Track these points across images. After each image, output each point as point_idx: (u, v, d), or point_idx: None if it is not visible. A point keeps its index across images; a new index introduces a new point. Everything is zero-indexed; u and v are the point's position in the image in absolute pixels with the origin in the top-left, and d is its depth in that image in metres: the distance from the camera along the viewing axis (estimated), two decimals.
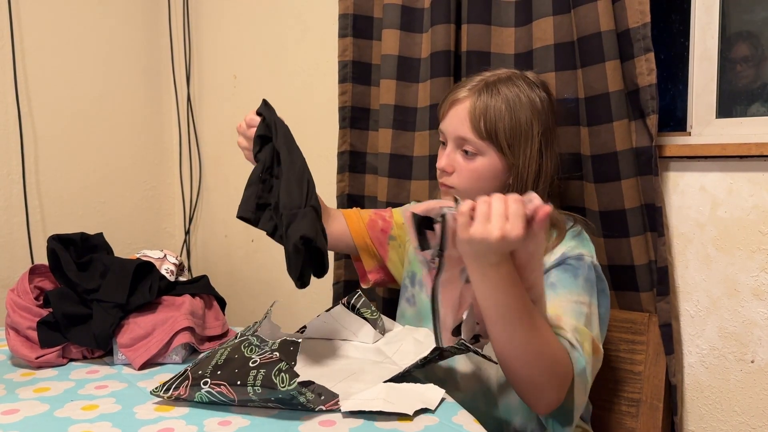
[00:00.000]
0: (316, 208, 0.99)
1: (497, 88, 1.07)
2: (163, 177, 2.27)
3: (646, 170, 1.21)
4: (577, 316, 0.97)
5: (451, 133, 1.10)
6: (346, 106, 1.56)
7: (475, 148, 1.07)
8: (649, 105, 1.19)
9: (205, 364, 0.89)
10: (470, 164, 1.08)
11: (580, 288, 1.00)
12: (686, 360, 1.28)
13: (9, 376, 1.03)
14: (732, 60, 1.31)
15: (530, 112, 1.06)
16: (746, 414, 1.22)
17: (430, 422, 0.83)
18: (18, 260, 1.87)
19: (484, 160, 1.07)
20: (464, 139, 1.07)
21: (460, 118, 1.08)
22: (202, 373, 0.87)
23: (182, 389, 0.88)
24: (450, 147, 1.10)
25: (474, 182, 1.08)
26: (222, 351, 0.92)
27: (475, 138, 1.06)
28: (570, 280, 1.01)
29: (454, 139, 1.09)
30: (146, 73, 2.20)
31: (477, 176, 1.08)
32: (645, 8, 1.17)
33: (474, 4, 1.34)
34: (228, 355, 0.89)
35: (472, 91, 1.08)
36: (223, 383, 0.84)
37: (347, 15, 1.54)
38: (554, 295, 0.99)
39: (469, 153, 1.08)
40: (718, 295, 1.23)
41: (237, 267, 2.14)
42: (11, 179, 1.86)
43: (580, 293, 1.00)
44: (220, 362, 0.88)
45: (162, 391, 0.90)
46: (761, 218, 1.18)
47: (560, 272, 1.01)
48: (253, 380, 0.81)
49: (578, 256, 1.03)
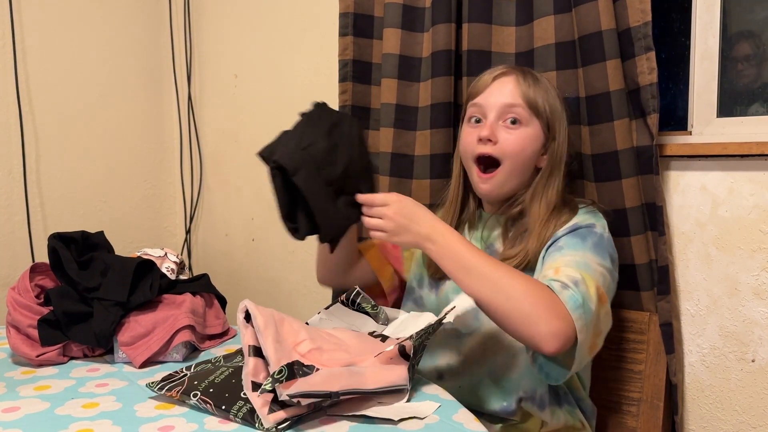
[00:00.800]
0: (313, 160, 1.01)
1: (532, 74, 1.13)
2: (164, 176, 2.28)
3: (647, 169, 1.21)
4: (578, 266, 0.97)
5: (497, 102, 1.10)
6: (347, 105, 1.56)
7: (521, 116, 1.09)
8: (650, 104, 1.19)
9: (203, 377, 0.90)
10: (516, 132, 1.09)
11: (587, 249, 1.01)
12: (687, 359, 1.28)
13: (10, 374, 1.03)
14: (733, 59, 1.31)
15: (559, 99, 1.13)
16: (747, 413, 1.22)
17: (431, 420, 0.83)
18: (19, 258, 1.87)
19: (528, 130, 1.10)
20: (513, 106, 1.09)
21: (509, 88, 1.10)
22: (197, 385, 0.88)
23: (174, 392, 0.88)
24: (492, 118, 1.10)
25: (519, 151, 1.09)
26: (224, 369, 0.93)
27: (525, 105, 1.09)
28: (578, 242, 1.02)
29: (499, 108, 1.10)
30: (147, 72, 2.20)
31: (522, 145, 1.09)
32: (646, 7, 1.17)
33: (475, 3, 1.34)
34: (226, 378, 0.90)
35: (513, 70, 1.13)
36: (210, 402, 0.85)
37: (348, 14, 1.54)
38: (559, 256, 1.00)
39: (516, 121, 1.09)
40: (718, 295, 1.23)
41: (238, 266, 2.15)
42: (12, 178, 1.86)
43: (585, 253, 1.00)
44: (217, 381, 0.89)
45: (156, 387, 0.91)
46: (762, 217, 1.18)
47: (568, 237, 1.03)
48: (237, 410, 0.83)
49: (589, 225, 1.05)
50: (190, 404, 0.88)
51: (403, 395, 0.89)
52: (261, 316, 0.88)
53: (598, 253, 1.01)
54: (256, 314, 0.88)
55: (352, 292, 1.09)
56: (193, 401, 0.86)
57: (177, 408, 0.88)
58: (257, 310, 0.89)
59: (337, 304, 1.09)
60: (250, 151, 2.06)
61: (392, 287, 1.31)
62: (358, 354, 0.91)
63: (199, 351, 1.16)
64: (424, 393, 0.92)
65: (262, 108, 2.02)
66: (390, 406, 0.86)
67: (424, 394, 0.92)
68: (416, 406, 0.87)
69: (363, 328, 1.07)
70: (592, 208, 1.12)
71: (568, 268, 0.97)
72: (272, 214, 2.02)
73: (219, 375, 0.91)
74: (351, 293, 1.09)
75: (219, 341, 1.21)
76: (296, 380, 0.79)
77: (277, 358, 0.84)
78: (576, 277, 0.95)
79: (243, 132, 2.09)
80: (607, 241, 1.05)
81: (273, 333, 0.87)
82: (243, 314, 0.90)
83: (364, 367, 0.87)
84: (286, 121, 1.08)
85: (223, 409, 0.84)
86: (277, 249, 2.01)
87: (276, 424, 0.79)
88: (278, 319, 0.91)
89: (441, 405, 0.88)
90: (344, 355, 0.90)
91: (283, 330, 0.90)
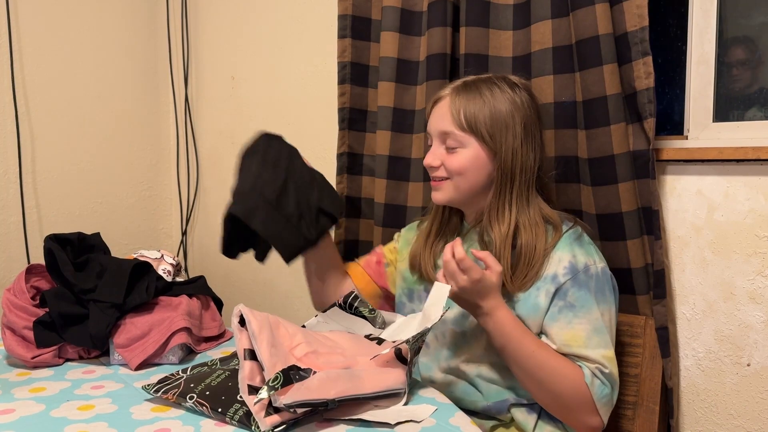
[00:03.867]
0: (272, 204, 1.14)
1: (476, 85, 1.11)
2: (160, 177, 2.27)
3: (643, 173, 1.22)
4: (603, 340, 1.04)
5: (435, 130, 1.13)
6: (345, 107, 1.56)
7: (456, 141, 1.10)
8: (646, 108, 1.19)
9: (200, 380, 0.90)
10: (454, 156, 1.10)
11: (594, 302, 1.05)
12: (682, 363, 1.28)
13: (5, 376, 1.02)
14: (729, 64, 1.31)
15: (510, 105, 1.09)
16: (742, 417, 1.22)
17: (428, 424, 0.83)
18: (14, 260, 1.87)
19: (466, 152, 1.10)
20: (446, 133, 1.11)
21: (442, 113, 1.12)
22: (193, 387, 0.88)
23: (170, 394, 0.89)
24: (435, 144, 1.14)
25: (461, 171, 1.10)
26: (221, 372, 0.92)
27: (456, 130, 1.09)
28: (588, 298, 1.05)
29: (438, 135, 1.13)
30: (144, 73, 2.20)
31: (462, 166, 1.10)
32: (643, 12, 1.18)
33: (472, 7, 1.34)
34: (222, 381, 0.90)
35: (452, 90, 1.12)
36: (206, 404, 0.85)
37: (346, 16, 1.54)
38: (574, 318, 1.05)
39: (452, 147, 1.10)
40: (714, 299, 1.24)
41: (234, 268, 2.14)
42: (8, 179, 1.85)
43: (595, 308, 1.05)
44: (213, 384, 0.89)
45: (153, 390, 0.90)
46: (757, 222, 1.18)
47: (576, 289, 1.05)
48: (233, 413, 0.83)
49: (585, 268, 1.06)
50: (186, 407, 0.88)
51: (400, 398, 0.89)
52: (255, 321, 0.88)
53: (602, 300, 1.06)
54: (251, 319, 0.88)
55: (350, 296, 1.09)
56: (189, 404, 0.86)
57: (173, 410, 0.87)
58: (251, 315, 0.88)
59: (334, 308, 1.09)
60: None
61: (379, 304, 1.32)
62: (354, 357, 0.91)
63: (195, 353, 1.16)
64: (420, 396, 0.92)
65: (259, 110, 2.02)
66: (387, 410, 0.86)
67: (421, 397, 0.92)
68: (413, 410, 0.87)
69: (360, 332, 1.07)
70: (578, 230, 1.10)
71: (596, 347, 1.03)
72: None
73: (215, 378, 0.91)
74: (348, 297, 1.09)
75: (215, 343, 1.21)
76: (292, 386, 0.79)
77: (272, 363, 0.84)
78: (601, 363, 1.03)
79: (240, 134, 2.08)
80: (603, 277, 1.07)
81: (268, 337, 0.87)
82: (237, 319, 0.90)
83: (362, 370, 0.87)
84: (284, 123, 1.09)
85: (220, 412, 0.83)
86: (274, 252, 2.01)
87: (272, 427, 0.79)
88: (273, 322, 0.91)
89: (438, 408, 0.88)
90: (340, 359, 0.90)
91: (279, 334, 0.90)
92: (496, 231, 1.08)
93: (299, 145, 1.30)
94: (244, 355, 0.87)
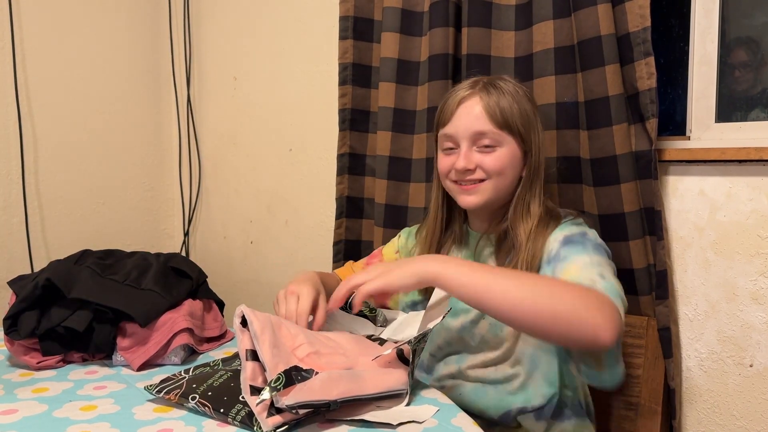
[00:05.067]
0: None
1: (496, 84, 1.09)
2: (162, 178, 2.27)
3: (646, 174, 1.22)
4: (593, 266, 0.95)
5: (466, 131, 1.07)
6: (346, 108, 1.57)
7: (493, 140, 1.06)
8: (648, 109, 1.19)
9: (202, 380, 0.90)
10: (492, 155, 1.07)
11: (591, 251, 0.99)
12: (685, 364, 1.28)
13: (7, 377, 1.02)
14: (731, 65, 1.31)
15: (530, 103, 1.09)
16: (745, 418, 1.22)
17: (430, 425, 0.83)
18: (17, 261, 1.87)
19: (504, 150, 1.07)
20: (482, 133, 1.06)
21: (475, 113, 1.07)
22: (195, 388, 0.88)
23: (173, 395, 0.88)
24: (465, 146, 1.07)
25: (500, 170, 1.07)
26: (223, 373, 0.92)
27: (494, 128, 1.06)
28: (578, 249, 0.99)
29: (470, 137, 1.07)
30: (146, 74, 2.20)
31: (502, 164, 1.06)
32: (645, 12, 1.18)
33: (474, 7, 1.34)
34: (225, 381, 0.89)
35: (475, 90, 1.08)
36: (208, 405, 0.85)
37: (348, 17, 1.55)
38: (568, 263, 0.97)
39: (489, 146, 1.06)
40: (716, 299, 1.23)
41: (236, 268, 2.14)
42: (10, 179, 1.85)
43: (591, 255, 0.98)
44: (216, 384, 0.88)
45: (155, 390, 0.91)
46: (760, 222, 1.18)
47: (568, 247, 1.00)
48: (236, 413, 0.82)
49: (582, 233, 1.03)
50: (188, 407, 0.87)
51: (401, 399, 0.89)
52: (257, 321, 0.88)
53: (601, 253, 1.01)
54: (253, 319, 0.88)
55: (351, 297, 1.09)
56: (191, 404, 0.86)
57: (175, 411, 0.87)
58: (253, 316, 0.88)
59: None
60: (249, 153, 2.07)
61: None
62: (356, 357, 0.91)
63: (197, 354, 1.16)
64: (422, 397, 0.92)
65: (261, 111, 2.02)
66: (388, 410, 0.86)
67: (423, 398, 0.92)
68: (415, 410, 0.86)
69: (361, 331, 1.07)
70: (579, 220, 1.08)
71: (584, 271, 0.95)
72: (271, 217, 2.02)
73: (218, 378, 0.91)
74: (350, 297, 1.09)
75: (217, 344, 1.21)
76: (295, 386, 0.79)
77: (274, 364, 0.83)
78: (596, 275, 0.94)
79: (242, 134, 2.09)
80: (602, 245, 1.04)
81: (270, 338, 0.87)
82: (239, 319, 0.90)
83: (363, 370, 0.87)
84: (285, 124, 1.08)
85: (222, 413, 0.83)
86: (276, 252, 2.01)
87: (274, 428, 0.79)
88: (275, 323, 0.91)
89: (440, 409, 0.88)
90: (342, 359, 0.90)
91: (281, 334, 0.90)
92: (521, 230, 1.06)
93: (301, 145, 1.30)
94: (246, 355, 0.87)
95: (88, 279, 1.12)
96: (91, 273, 1.14)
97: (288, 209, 1.97)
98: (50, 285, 1.09)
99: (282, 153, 1.96)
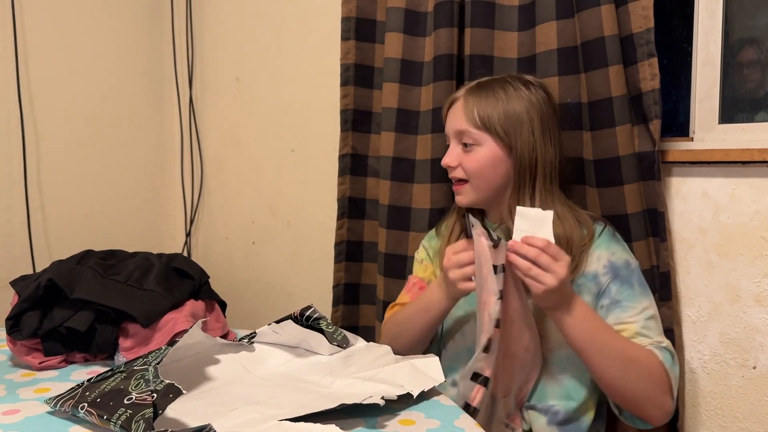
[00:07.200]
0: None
1: (490, 85, 1.13)
2: (164, 178, 2.27)
3: (649, 175, 1.21)
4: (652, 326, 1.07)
5: (451, 129, 1.16)
6: (348, 109, 1.56)
7: (472, 139, 1.11)
8: (651, 110, 1.19)
9: (95, 388, 0.86)
10: (471, 155, 1.12)
11: (639, 295, 1.07)
12: (688, 366, 1.28)
13: (10, 377, 1.03)
14: (735, 66, 1.31)
15: (525, 102, 1.10)
16: (748, 420, 1.21)
17: (432, 425, 0.83)
18: (19, 260, 1.87)
19: (482, 150, 1.11)
20: (462, 132, 1.13)
21: (458, 113, 1.14)
22: (87, 396, 0.84)
23: (67, 405, 0.85)
24: (452, 144, 1.16)
25: (478, 171, 1.12)
26: (119, 376, 0.89)
27: (471, 128, 1.11)
28: (629, 291, 1.08)
29: (454, 135, 1.15)
30: (149, 74, 2.21)
31: (479, 164, 1.11)
32: (648, 13, 1.18)
33: (477, 8, 1.34)
34: (116, 385, 0.85)
35: (466, 91, 1.14)
36: (94, 412, 0.81)
37: (350, 18, 1.54)
38: (622, 313, 1.07)
39: (468, 145, 1.12)
40: (719, 301, 1.23)
41: (238, 269, 2.14)
42: (13, 179, 1.86)
43: (642, 300, 1.08)
44: (107, 390, 0.84)
45: (53, 402, 0.87)
46: (763, 224, 1.18)
47: (618, 285, 1.08)
48: (117, 418, 0.78)
49: (626, 264, 1.09)
50: (80, 417, 0.83)
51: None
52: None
53: (647, 291, 1.10)
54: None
55: (308, 309, 1.04)
56: (81, 413, 0.82)
57: None
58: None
59: (288, 321, 1.05)
60: (251, 154, 2.07)
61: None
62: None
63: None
64: (424, 397, 0.92)
65: (263, 111, 2.02)
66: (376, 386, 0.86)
67: (424, 398, 0.92)
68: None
69: (316, 348, 1.04)
70: (611, 230, 1.13)
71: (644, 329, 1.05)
72: (273, 217, 2.02)
73: (111, 383, 0.86)
74: (306, 310, 1.04)
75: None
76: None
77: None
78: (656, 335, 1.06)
79: (244, 135, 2.09)
80: (642, 276, 1.11)
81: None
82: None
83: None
84: (287, 125, 1.08)
85: (105, 419, 0.79)
86: (278, 252, 2.01)
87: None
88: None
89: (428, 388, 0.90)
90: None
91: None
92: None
93: (303, 146, 1.30)
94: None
95: (90, 279, 1.12)
96: (93, 273, 1.14)
97: (290, 210, 1.97)
98: (52, 285, 1.09)
99: (284, 154, 1.96)
